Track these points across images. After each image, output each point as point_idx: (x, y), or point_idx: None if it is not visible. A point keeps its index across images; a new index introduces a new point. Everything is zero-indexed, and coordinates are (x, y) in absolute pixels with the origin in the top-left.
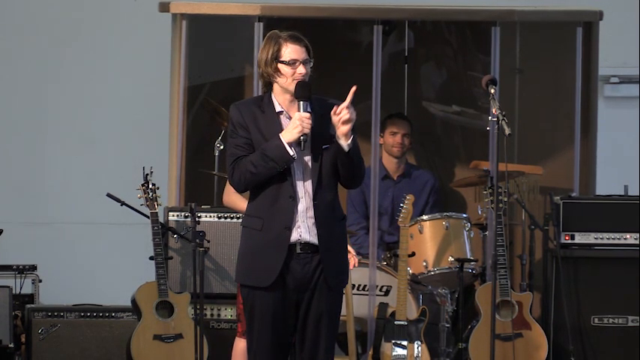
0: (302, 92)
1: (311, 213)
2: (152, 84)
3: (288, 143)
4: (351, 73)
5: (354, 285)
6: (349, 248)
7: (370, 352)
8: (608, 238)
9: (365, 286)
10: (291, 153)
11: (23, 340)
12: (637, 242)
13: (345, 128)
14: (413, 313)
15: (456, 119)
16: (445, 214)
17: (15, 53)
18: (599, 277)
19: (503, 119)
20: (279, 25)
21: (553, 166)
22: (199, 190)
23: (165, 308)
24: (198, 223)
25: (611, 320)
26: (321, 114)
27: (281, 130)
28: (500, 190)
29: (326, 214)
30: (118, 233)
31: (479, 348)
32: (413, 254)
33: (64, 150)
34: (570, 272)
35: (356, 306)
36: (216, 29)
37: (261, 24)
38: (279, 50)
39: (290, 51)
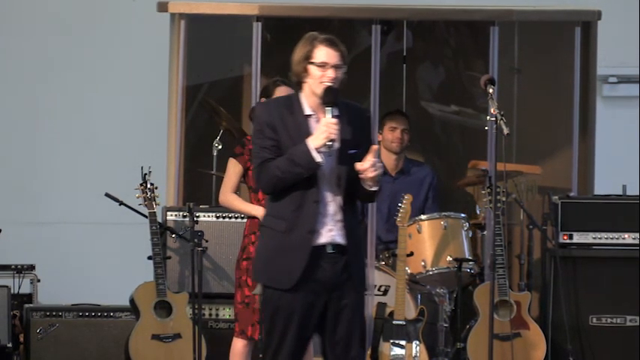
0: (329, 98)
1: (340, 216)
2: (150, 83)
3: (315, 149)
4: (349, 73)
5: None
6: None
7: (368, 352)
8: (606, 238)
9: None
10: (318, 159)
11: (22, 339)
12: (636, 242)
13: (371, 180)
14: (411, 312)
15: (454, 119)
16: (443, 213)
17: (13, 52)
18: (597, 276)
19: (501, 119)
20: (278, 24)
21: (551, 165)
22: (198, 189)
23: (164, 308)
24: (197, 223)
25: (609, 320)
26: (348, 119)
27: (309, 133)
28: (498, 189)
29: (352, 217)
30: (117, 233)
31: (477, 348)
32: (411, 254)
33: (62, 150)
34: (569, 272)
35: None
36: (214, 29)
37: (260, 24)
38: (311, 51)
39: (322, 53)
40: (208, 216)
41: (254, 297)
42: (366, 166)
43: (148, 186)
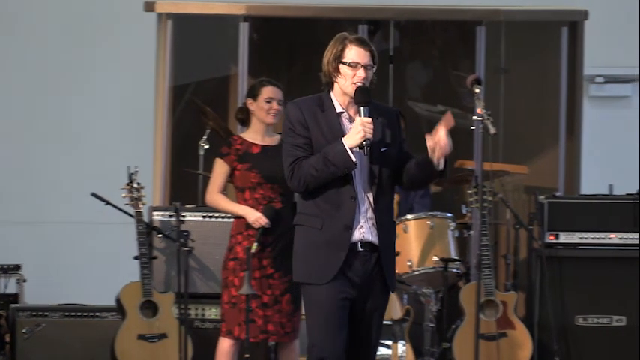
0: (362, 97)
1: (371, 214)
2: (137, 83)
3: (350, 149)
4: None
5: None
6: None
7: None
8: (593, 238)
9: None
10: (354, 159)
11: (8, 339)
12: (622, 242)
13: (443, 154)
14: (397, 312)
15: (441, 118)
16: (430, 213)
17: (0, 53)
18: (583, 276)
19: (488, 119)
20: (264, 24)
21: (538, 165)
22: (184, 189)
23: (150, 308)
24: (183, 223)
25: (595, 320)
26: (378, 118)
27: (341, 130)
28: (485, 189)
29: (385, 216)
30: (103, 233)
31: (463, 347)
32: (398, 253)
33: (49, 149)
34: (555, 272)
35: None
36: (201, 29)
37: (247, 23)
38: (342, 51)
39: (353, 53)
40: (195, 216)
41: (241, 297)
42: (443, 142)
43: (135, 186)
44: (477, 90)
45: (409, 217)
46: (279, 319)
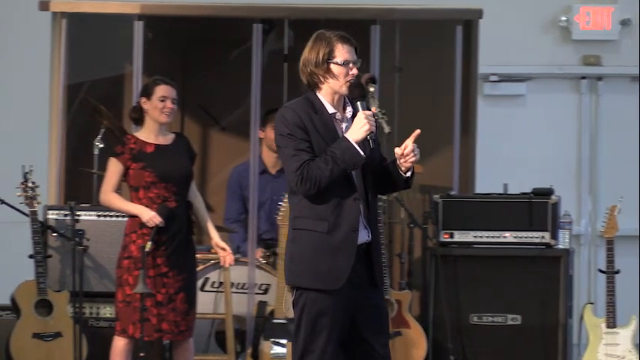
0: (358, 92)
1: (366, 213)
2: (32, 82)
3: (356, 143)
4: (231, 72)
5: (233, 283)
6: (224, 245)
7: (249, 351)
8: (487, 237)
9: (244, 284)
10: (362, 154)
11: None
12: (515, 241)
13: (409, 165)
14: (292, 311)
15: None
16: None
17: None
18: (478, 275)
19: (382, 118)
20: (159, 24)
21: (433, 164)
22: (79, 188)
23: (45, 307)
24: (78, 222)
25: (490, 319)
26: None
27: (336, 131)
28: None
29: (376, 213)
30: None
31: None
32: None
33: None
34: (449, 271)
35: (235, 304)
36: (96, 28)
37: (141, 22)
38: (332, 51)
39: (343, 52)
40: (89, 215)
41: (135, 296)
42: (408, 150)
43: (29, 184)
44: (372, 89)
45: None
46: (174, 317)
